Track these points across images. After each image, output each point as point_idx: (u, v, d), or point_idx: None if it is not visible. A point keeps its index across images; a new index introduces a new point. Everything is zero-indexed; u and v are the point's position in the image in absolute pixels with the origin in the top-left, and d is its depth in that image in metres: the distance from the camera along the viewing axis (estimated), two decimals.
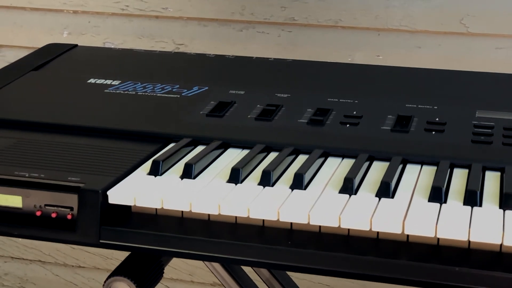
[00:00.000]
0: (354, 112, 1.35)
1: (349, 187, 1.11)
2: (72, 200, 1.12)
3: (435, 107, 1.36)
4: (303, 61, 1.65)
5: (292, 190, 1.12)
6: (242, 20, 2.03)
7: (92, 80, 1.53)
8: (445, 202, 1.08)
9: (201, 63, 1.65)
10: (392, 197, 1.09)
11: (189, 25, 2.08)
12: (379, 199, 1.09)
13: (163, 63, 1.64)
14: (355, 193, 1.11)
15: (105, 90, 1.48)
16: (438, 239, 1.04)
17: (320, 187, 1.13)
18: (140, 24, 2.12)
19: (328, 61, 1.87)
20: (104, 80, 1.52)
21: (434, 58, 1.94)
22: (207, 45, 2.07)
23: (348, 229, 1.06)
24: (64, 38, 2.19)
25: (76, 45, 1.75)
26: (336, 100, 1.41)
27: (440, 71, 1.59)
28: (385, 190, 1.10)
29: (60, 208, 1.13)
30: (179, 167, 1.19)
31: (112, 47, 2.11)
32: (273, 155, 1.24)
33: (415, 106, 1.37)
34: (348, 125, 1.31)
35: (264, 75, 1.56)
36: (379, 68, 1.63)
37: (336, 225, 1.04)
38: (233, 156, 1.25)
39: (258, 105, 1.39)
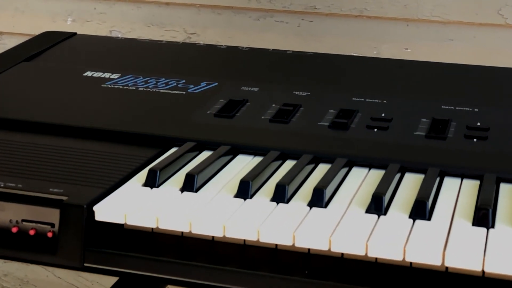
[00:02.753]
0: (383, 114, 1.19)
1: (378, 205, 0.94)
2: (53, 215, 0.97)
3: (475, 110, 1.19)
4: (325, 55, 1.50)
5: (310, 208, 0.96)
6: (259, 8, 1.91)
7: (88, 73, 1.37)
8: (492, 226, 0.91)
9: (211, 56, 1.49)
10: (429, 218, 0.93)
11: (202, 12, 1.96)
12: (414, 221, 0.92)
13: (169, 55, 1.48)
14: (385, 213, 0.94)
15: (102, 85, 1.32)
16: (484, 271, 0.86)
17: (344, 205, 0.97)
18: (149, 11, 2.01)
19: (352, 54, 1.75)
20: (102, 73, 1.37)
21: (468, 52, 1.81)
22: (220, 34, 1.96)
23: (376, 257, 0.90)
24: (68, 25, 2.08)
25: (75, 34, 1.61)
26: (362, 99, 1.24)
27: (478, 67, 1.43)
28: (421, 211, 0.93)
29: (39, 225, 0.97)
30: (180, 177, 1.03)
31: (119, 35, 2.02)
32: (289, 164, 1.07)
33: (452, 108, 1.20)
34: (375, 130, 1.15)
35: (281, 70, 1.40)
36: (409, 63, 1.47)
37: (363, 253, 0.87)
38: (243, 164, 1.09)
39: (274, 105, 1.23)
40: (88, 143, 1.13)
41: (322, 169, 1.07)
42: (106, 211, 0.95)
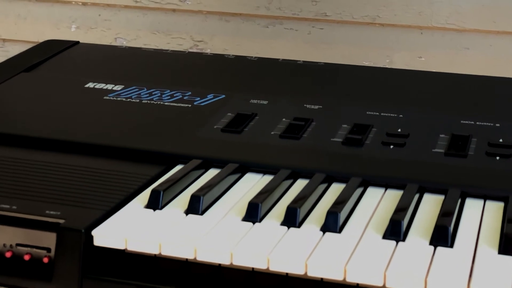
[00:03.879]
0: (399, 130, 1.13)
1: (396, 231, 0.88)
2: (49, 239, 0.91)
3: (497, 125, 1.13)
4: (337, 65, 1.45)
5: (323, 233, 0.89)
6: (268, 15, 1.87)
7: (90, 84, 1.31)
8: None
9: (218, 66, 1.43)
10: (451, 245, 0.86)
11: (209, 19, 1.92)
12: (435, 249, 0.86)
13: (175, 65, 1.43)
14: (404, 239, 0.88)
15: (104, 97, 1.27)
16: None
17: (359, 230, 0.90)
18: (155, 18, 1.97)
19: (364, 62, 1.70)
20: (104, 84, 1.31)
21: (485, 61, 1.77)
22: (228, 42, 1.91)
23: None
24: (72, 32, 2.03)
25: (77, 42, 1.55)
26: (377, 113, 1.18)
27: (498, 79, 1.37)
28: (442, 237, 0.87)
29: (34, 249, 0.91)
30: (185, 197, 0.97)
31: (124, 43, 1.97)
32: (300, 184, 1.01)
33: (472, 123, 1.14)
34: (391, 146, 1.09)
35: (291, 82, 1.34)
36: (425, 74, 1.41)
37: (380, 284, 0.81)
38: (251, 183, 1.03)
39: (284, 119, 1.17)
40: (88, 160, 1.07)
41: (336, 189, 1.01)
42: (105, 235, 0.89)
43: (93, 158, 1.07)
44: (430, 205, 0.96)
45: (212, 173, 1.05)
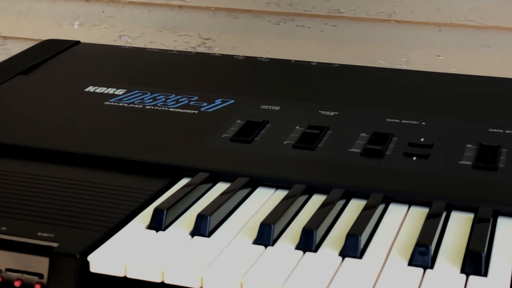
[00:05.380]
0: (422, 139, 1.05)
1: (423, 257, 0.80)
2: (41, 264, 0.83)
3: None
4: (353, 67, 1.37)
5: (342, 259, 0.81)
6: (278, 12, 1.82)
7: (90, 88, 1.24)
8: None
9: (227, 67, 1.35)
10: (485, 274, 0.78)
11: (218, 16, 1.88)
12: (467, 278, 0.77)
13: (181, 67, 1.35)
14: (432, 266, 0.80)
15: (105, 102, 1.19)
16: None
17: (382, 254, 0.82)
18: (161, 15, 1.92)
19: (379, 61, 1.67)
20: (105, 88, 1.23)
21: (506, 60, 1.71)
22: (237, 40, 1.87)
23: None
24: (75, 29, 2.00)
25: (78, 42, 1.47)
26: (397, 120, 1.10)
27: None
28: (476, 264, 0.78)
29: (26, 275, 0.83)
30: (191, 216, 0.89)
31: (129, 40, 1.93)
32: (316, 200, 0.93)
33: (501, 131, 1.06)
34: (414, 158, 1.00)
35: (304, 85, 1.27)
36: (447, 77, 1.33)
37: None
38: (262, 199, 0.95)
39: (297, 127, 1.09)
40: (84, 173, 0.99)
41: (355, 206, 0.93)
42: (102, 261, 0.81)
43: (90, 171, 1.00)
44: (459, 226, 0.88)
45: (220, 187, 0.97)
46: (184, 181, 0.98)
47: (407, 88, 1.25)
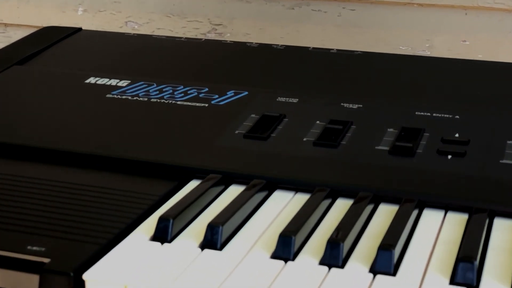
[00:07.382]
0: (456, 135, 0.96)
1: (467, 274, 0.70)
2: (31, 283, 0.74)
3: None
4: (376, 54, 1.31)
5: (374, 276, 0.71)
6: None
7: (91, 80, 1.15)
8: None
9: (239, 56, 1.28)
10: None
11: (229, 1, 1.83)
12: None
13: (190, 55, 1.27)
14: (477, 285, 0.70)
15: (107, 95, 1.11)
16: None
17: (419, 270, 0.73)
18: (169, 0, 1.87)
19: (401, 47, 1.68)
20: (108, 79, 1.15)
21: None
22: (250, 26, 1.82)
23: None
24: (79, 16, 1.94)
25: (79, 29, 1.39)
26: (428, 114, 1.02)
27: None
28: None
29: None
30: (201, 225, 0.80)
31: (135, 27, 1.87)
32: (341, 205, 0.84)
33: None
34: (449, 157, 0.91)
35: (324, 75, 1.19)
36: (478, 64, 1.25)
37: None
38: (281, 205, 0.86)
39: (318, 121, 1.00)
40: (82, 175, 0.90)
41: (385, 212, 0.83)
42: (99, 280, 0.72)
43: (89, 172, 0.91)
44: (504, 236, 0.78)
45: (233, 190, 0.88)
46: (193, 184, 0.89)
47: (435, 78, 1.16)
